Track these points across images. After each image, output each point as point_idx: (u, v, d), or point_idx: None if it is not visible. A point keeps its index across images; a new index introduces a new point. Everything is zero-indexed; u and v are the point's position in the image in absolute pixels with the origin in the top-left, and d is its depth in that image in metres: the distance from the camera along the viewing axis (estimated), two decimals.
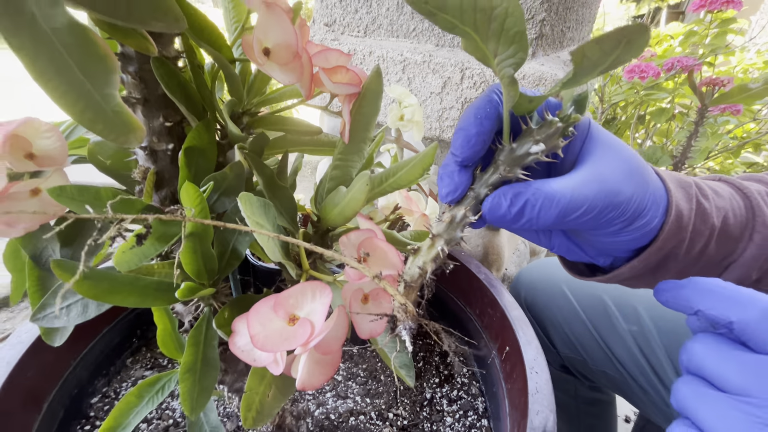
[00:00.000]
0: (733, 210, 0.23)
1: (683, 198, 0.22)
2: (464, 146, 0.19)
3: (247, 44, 0.22)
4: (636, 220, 0.20)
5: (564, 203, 0.18)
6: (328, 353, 0.21)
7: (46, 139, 0.24)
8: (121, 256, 0.18)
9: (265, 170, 0.24)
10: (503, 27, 0.15)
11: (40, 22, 0.16)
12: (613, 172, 0.19)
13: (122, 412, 0.24)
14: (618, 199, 0.19)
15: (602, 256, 0.24)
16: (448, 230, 0.20)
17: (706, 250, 0.23)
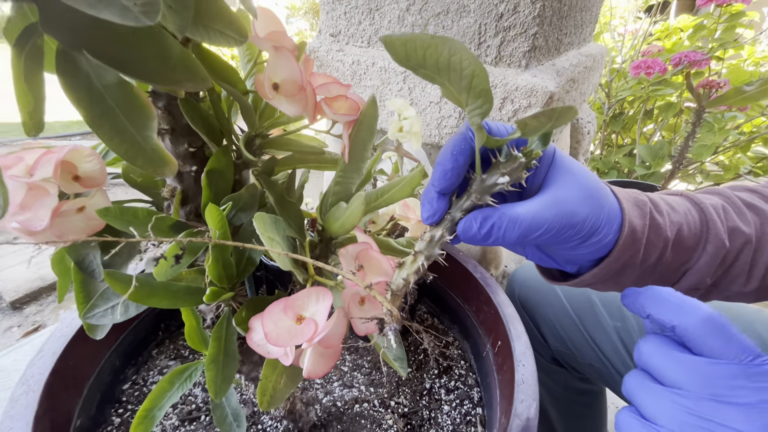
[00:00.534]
0: (688, 223, 0.26)
1: (637, 215, 0.25)
2: (441, 179, 0.22)
3: (259, 82, 0.25)
4: (591, 237, 0.23)
5: (525, 225, 0.22)
6: (330, 348, 0.24)
7: (89, 163, 0.28)
8: (160, 268, 0.22)
9: (275, 189, 0.28)
10: (471, 84, 0.18)
11: (94, 81, 0.20)
12: (570, 197, 0.22)
13: (157, 396, 0.28)
14: (574, 220, 0.22)
15: (569, 265, 0.27)
16: (428, 248, 0.23)
17: (662, 259, 0.26)
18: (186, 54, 0.18)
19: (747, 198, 0.29)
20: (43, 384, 0.35)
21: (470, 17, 0.50)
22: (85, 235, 0.28)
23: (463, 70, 0.18)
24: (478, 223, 0.22)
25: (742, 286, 0.28)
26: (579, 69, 0.62)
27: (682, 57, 1.26)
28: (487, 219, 0.22)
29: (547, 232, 0.22)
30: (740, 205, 0.28)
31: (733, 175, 1.30)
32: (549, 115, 0.18)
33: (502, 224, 0.22)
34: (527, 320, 0.54)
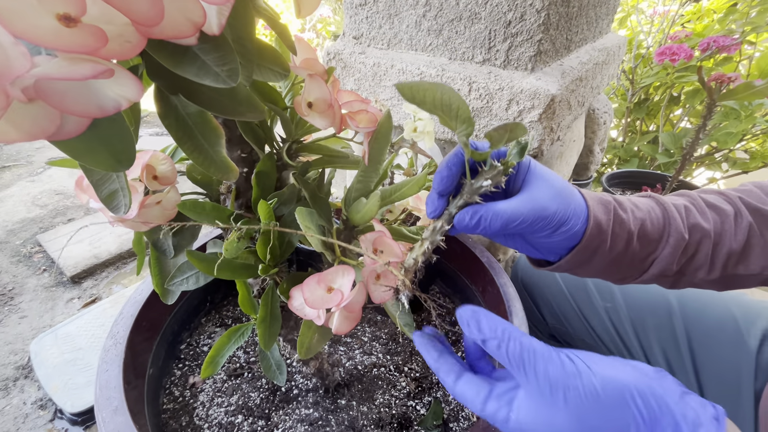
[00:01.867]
0: (651, 219, 0.31)
1: (602, 211, 0.30)
2: (440, 184, 0.29)
3: (297, 103, 0.32)
4: (561, 227, 0.29)
5: (506, 217, 0.27)
6: (352, 312, 0.31)
7: (163, 165, 0.35)
8: (228, 247, 0.29)
9: (309, 186, 0.35)
10: (458, 114, 0.24)
11: (179, 110, 0.27)
12: (542, 196, 0.28)
13: (219, 347, 0.36)
14: (544, 213, 0.28)
15: (550, 254, 0.33)
16: (431, 235, 0.30)
17: (629, 248, 0.31)
18: (249, 93, 0.25)
19: (711, 199, 0.33)
20: (126, 338, 0.44)
21: (481, 23, 0.55)
22: (161, 222, 0.36)
23: (451, 105, 0.24)
24: (469, 215, 0.28)
25: (705, 274, 0.33)
26: (588, 66, 0.65)
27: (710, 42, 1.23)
28: (476, 212, 0.28)
29: (524, 223, 0.28)
30: (702, 205, 0.33)
31: (759, 163, 1.28)
32: (505, 129, 0.24)
33: (488, 216, 0.28)
34: (528, 300, 0.60)
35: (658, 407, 0.21)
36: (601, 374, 0.23)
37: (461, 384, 0.26)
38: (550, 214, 0.28)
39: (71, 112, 0.18)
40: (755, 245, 0.33)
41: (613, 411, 0.22)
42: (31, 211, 1.59)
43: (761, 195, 0.34)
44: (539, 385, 0.23)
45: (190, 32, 0.18)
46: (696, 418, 0.20)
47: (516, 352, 0.24)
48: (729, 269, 0.33)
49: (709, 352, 0.44)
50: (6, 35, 0.14)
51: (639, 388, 0.22)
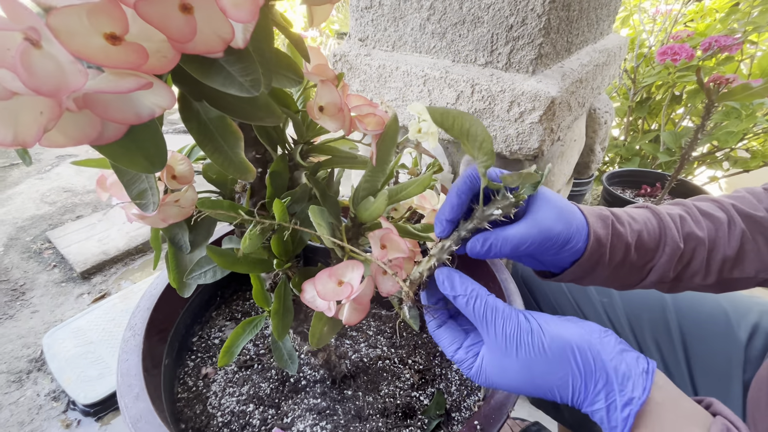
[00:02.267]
0: (647, 230, 0.33)
1: (601, 227, 0.32)
2: (449, 212, 0.31)
3: (309, 107, 0.34)
4: (565, 246, 0.31)
5: (515, 242, 0.29)
6: (361, 304, 0.33)
7: (181, 165, 0.37)
8: (245, 242, 0.31)
9: (319, 186, 0.37)
10: (481, 146, 0.26)
11: (201, 114, 0.29)
12: (547, 218, 0.30)
13: (236, 337, 0.38)
14: (550, 235, 0.30)
15: (554, 267, 0.35)
16: (439, 253, 0.32)
17: (627, 258, 0.33)
18: (268, 100, 0.27)
19: (705, 207, 0.35)
20: (144, 330, 0.46)
21: (484, 27, 0.56)
22: (179, 219, 0.38)
23: (477, 136, 0.26)
24: (480, 243, 0.30)
25: (702, 279, 0.35)
26: (589, 68, 0.67)
27: (712, 42, 1.24)
28: (486, 240, 0.30)
29: (532, 245, 0.30)
30: (697, 213, 0.35)
31: (760, 162, 1.29)
32: (519, 176, 0.27)
33: (498, 243, 0.30)
34: (527, 295, 0.62)
35: (594, 362, 0.25)
36: (550, 332, 0.27)
37: (441, 331, 0.33)
38: (555, 235, 0.30)
39: (113, 119, 0.20)
40: (749, 250, 0.34)
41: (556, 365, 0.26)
42: (40, 208, 1.62)
43: (753, 201, 0.36)
44: (497, 339, 0.27)
45: (220, 47, 0.20)
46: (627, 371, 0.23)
47: (480, 309, 0.28)
48: (725, 274, 0.35)
49: (700, 345, 0.45)
50: (65, 54, 0.16)
51: (579, 345, 0.26)
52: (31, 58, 0.16)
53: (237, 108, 0.26)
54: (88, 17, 0.17)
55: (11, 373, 1.00)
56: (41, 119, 0.18)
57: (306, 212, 0.37)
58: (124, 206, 0.37)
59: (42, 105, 0.18)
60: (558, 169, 0.84)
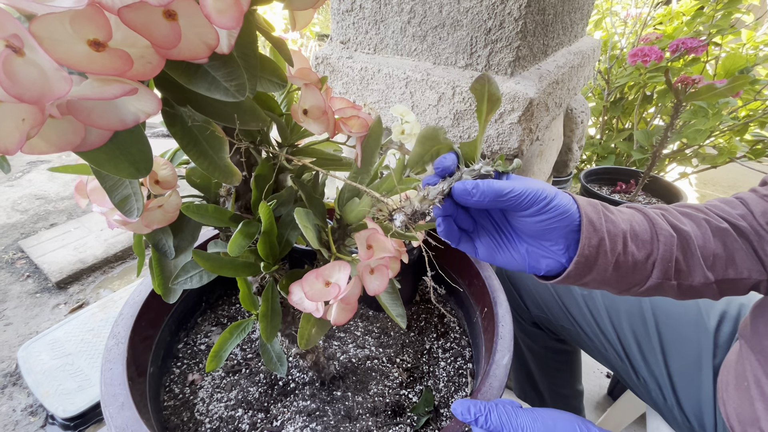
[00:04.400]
0: (636, 221, 0.34)
1: (592, 211, 0.33)
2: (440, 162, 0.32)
3: (293, 110, 0.34)
4: (551, 201, 0.31)
5: (497, 187, 0.30)
6: (349, 304, 0.34)
7: (164, 170, 0.37)
8: (231, 246, 0.32)
9: (305, 188, 0.37)
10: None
11: (185, 119, 0.29)
12: (525, 179, 0.31)
13: (223, 341, 0.38)
14: (532, 188, 0.31)
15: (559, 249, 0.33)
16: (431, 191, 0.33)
17: (627, 249, 0.33)
18: (253, 104, 0.27)
19: (681, 209, 0.37)
20: (127, 338, 0.45)
21: (463, 30, 0.58)
22: (163, 224, 0.38)
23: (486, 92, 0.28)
24: (465, 184, 0.31)
25: (703, 276, 0.35)
26: (564, 70, 0.69)
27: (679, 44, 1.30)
28: (472, 182, 0.31)
29: (514, 192, 0.30)
30: (675, 212, 0.36)
31: (726, 159, 1.35)
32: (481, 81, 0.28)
33: (483, 185, 0.31)
34: (512, 291, 0.64)
35: None
36: None
37: None
38: (535, 189, 0.31)
39: (97, 125, 0.20)
40: (737, 249, 0.35)
41: None
42: (11, 217, 1.56)
43: (726, 208, 0.37)
44: None
45: (205, 53, 0.20)
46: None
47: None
48: (719, 272, 0.35)
49: (673, 333, 0.48)
50: (49, 62, 0.16)
51: None
52: (14, 66, 0.16)
53: (221, 112, 0.26)
54: (72, 24, 0.17)
55: None
56: (23, 126, 0.18)
57: (292, 215, 0.37)
58: (106, 212, 0.36)
59: (24, 112, 0.17)
60: (537, 168, 0.87)
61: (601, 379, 0.96)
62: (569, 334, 0.58)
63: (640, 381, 0.50)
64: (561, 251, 0.34)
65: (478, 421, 0.35)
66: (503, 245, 0.36)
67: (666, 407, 0.47)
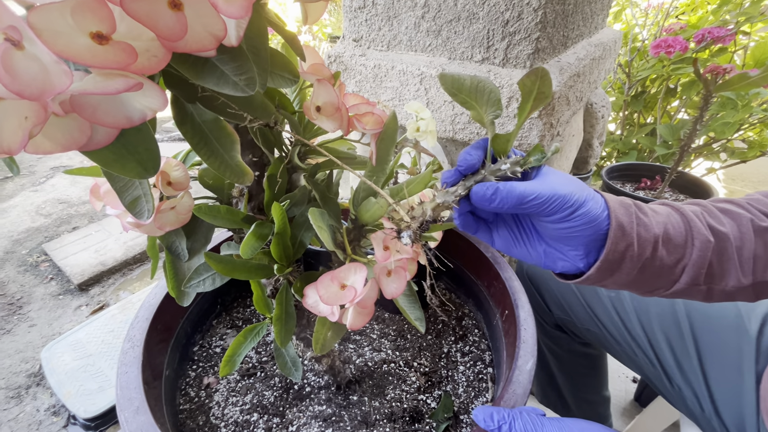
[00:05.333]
0: (672, 223, 0.31)
1: (623, 213, 0.30)
2: (465, 161, 0.31)
3: (306, 107, 0.33)
4: (579, 208, 0.29)
5: (520, 191, 0.29)
6: (366, 308, 0.32)
7: (176, 171, 0.36)
8: (244, 247, 0.31)
9: (319, 188, 0.36)
10: (489, 98, 0.26)
11: (196, 117, 0.28)
12: (556, 180, 0.29)
13: (237, 345, 0.37)
14: (560, 192, 0.29)
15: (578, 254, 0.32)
16: (445, 195, 0.31)
17: (656, 254, 0.31)
18: (264, 100, 0.26)
19: (722, 206, 0.34)
20: (143, 341, 0.45)
21: (479, 23, 0.56)
22: (176, 226, 0.37)
23: (485, 89, 0.27)
24: (485, 187, 0.30)
25: (737, 281, 0.32)
26: (585, 62, 0.66)
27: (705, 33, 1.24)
28: (492, 185, 0.30)
29: (539, 198, 0.28)
30: (715, 211, 0.33)
31: (757, 152, 1.29)
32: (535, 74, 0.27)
33: (504, 190, 0.29)
34: (534, 293, 0.61)
35: None
36: None
37: None
38: (565, 193, 0.29)
39: (102, 123, 0.19)
40: None
41: None
42: (35, 221, 1.60)
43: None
44: None
45: (212, 45, 0.19)
46: None
47: None
48: (758, 275, 0.32)
49: (710, 337, 0.45)
50: (48, 54, 0.15)
51: None
52: (13, 60, 0.15)
53: (232, 109, 0.26)
54: (73, 15, 0.16)
55: (10, 388, 0.98)
56: (26, 124, 0.17)
57: (306, 215, 0.36)
58: (119, 215, 0.36)
59: (26, 109, 0.17)
60: (557, 165, 0.84)
61: (627, 384, 0.92)
62: (595, 338, 0.55)
63: (674, 388, 0.47)
64: (579, 257, 0.32)
65: (501, 429, 0.33)
66: (521, 240, 0.35)
67: (703, 417, 0.44)
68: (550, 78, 0.26)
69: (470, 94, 0.27)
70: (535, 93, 0.26)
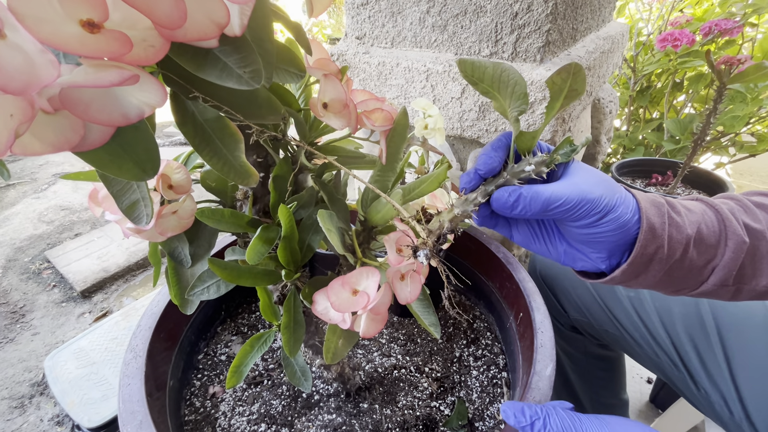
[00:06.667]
0: (705, 222, 0.29)
1: (655, 214, 0.28)
2: (485, 163, 0.29)
3: (313, 104, 0.31)
4: (609, 213, 0.27)
5: (546, 197, 0.27)
6: (379, 314, 0.31)
7: (177, 174, 0.35)
8: (250, 253, 0.29)
9: (327, 188, 0.34)
10: (513, 90, 0.24)
11: (197, 116, 0.26)
12: (585, 181, 0.27)
13: (244, 355, 0.35)
14: (590, 197, 0.27)
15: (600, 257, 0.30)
16: (463, 204, 0.29)
17: (687, 255, 0.29)
18: (269, 96, 0.24)
19: (757, 199, 0.32)
20: (146, 351, 0.43)
21: (487, 17, 0.54)
22: (178, 231, 0.35)
23: (509, 80, 0.24)
24: (508, 193, 0.28)
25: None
26: (595, 55, 0.64)
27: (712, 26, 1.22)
28: (515, 191, 0.28)
29: (565, 204, 0.27)
30: (750, 205, 0.31)
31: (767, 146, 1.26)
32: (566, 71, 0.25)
33: (528, 195, 0.27)
34: (547, 293, 0.59)
35: None
36: None
37: None
38: (595, 197, 0.27)
39: (96, 120, 0.17)
40: None
41: None
42: (38, 228, 1.59)
43: None
44: None
45: (214, 33, 0.17)
46: None
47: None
48: None
49: (739, 338, 0.43)
50: (33, 43, 0.14)
51: None
52: None
53: (235, 106, 0.24)
54: (60, 1, 0.14)
55: (13, 398, 0.97)
56: (11, 123, 0.15)
57: (313, 218, 0.34)
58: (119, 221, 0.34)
59: (11, 105, 0.15)
60: None
61: (641, 385, 0.90)
62: (614, 339, 0.53)
63: (700, 392, 0.45)
64: (602, 259, 0.31)
65: (534, 425, 0.31)
66: (541, 238, 0.33)
67: (732, 422, 0.42)
68: (584, 74, 0.24)
69: (493, 83, 0.25)
70: (566, 90, 0.25)
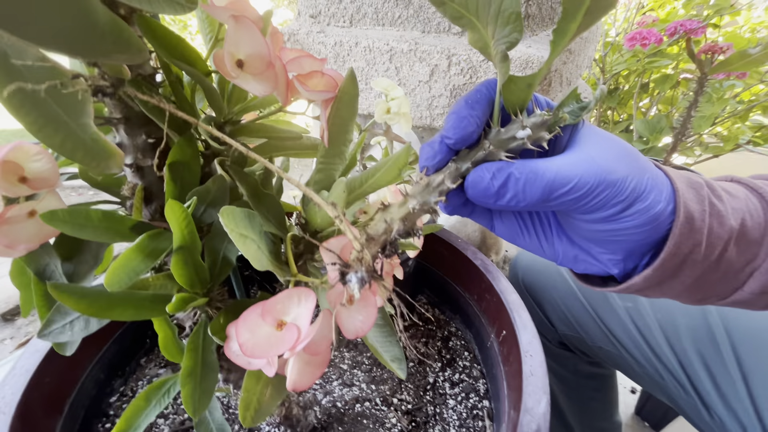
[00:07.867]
0: (750, 212, 0.22)
1: (694, 199, 0.21)
2: (456, 127, 0.19)
3: (218, 58, 0.22)
4: (636, 202, 0.20)
5: (549, 177, 0.18)
6: (317, 354, 0.22)
7: (37, 162, 0.24)
8: (111, 275, 0.19)
9: (248, 180, 0.25)
10: (500, 9, 0.16)
11: (11, 60, 0.17)
12: (603, 154, 0.19)
13: (133, 414, 0.25)
14: (612, 178, 0.19)
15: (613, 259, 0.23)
16: (422, 193, 0.20)
17: (725, 255, 0.22)
18: (115, 20, 0.15)
19: None
20: (15, 405, 0.32)
21: None
22: (39, 242, 0.25)
23: None
24: (491, 173, 0.19)
25: None
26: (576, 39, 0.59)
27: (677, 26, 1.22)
28: (501, 170, 0.19)
29: (578, 190, 0.18)
30: None
31: (732, 145, 1.27)
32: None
33: (521, 176, 0.18)
34: (532, 304, 0.52)
35: None
36: None
37: None
38: (619, 178, 0.19)
39: None
40: None
41: None
42: None
43: None
44: None
45: None
46: None
47: None
48: None
49: (757, 356, 0.37)
50: None
51: None
52: None
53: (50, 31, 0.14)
54: None
55: None
56: None
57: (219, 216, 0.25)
58: None
59: None
60: None
61: (625, 396, 0.85)
62: (610, 357, 0.46)
63: (714, 420, 0.38)
64: (615, 262, 0.23)
65: None
66: (533, 229, 0.25)
67: None
68: None
69: (466, 3, 0.16)
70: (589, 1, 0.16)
